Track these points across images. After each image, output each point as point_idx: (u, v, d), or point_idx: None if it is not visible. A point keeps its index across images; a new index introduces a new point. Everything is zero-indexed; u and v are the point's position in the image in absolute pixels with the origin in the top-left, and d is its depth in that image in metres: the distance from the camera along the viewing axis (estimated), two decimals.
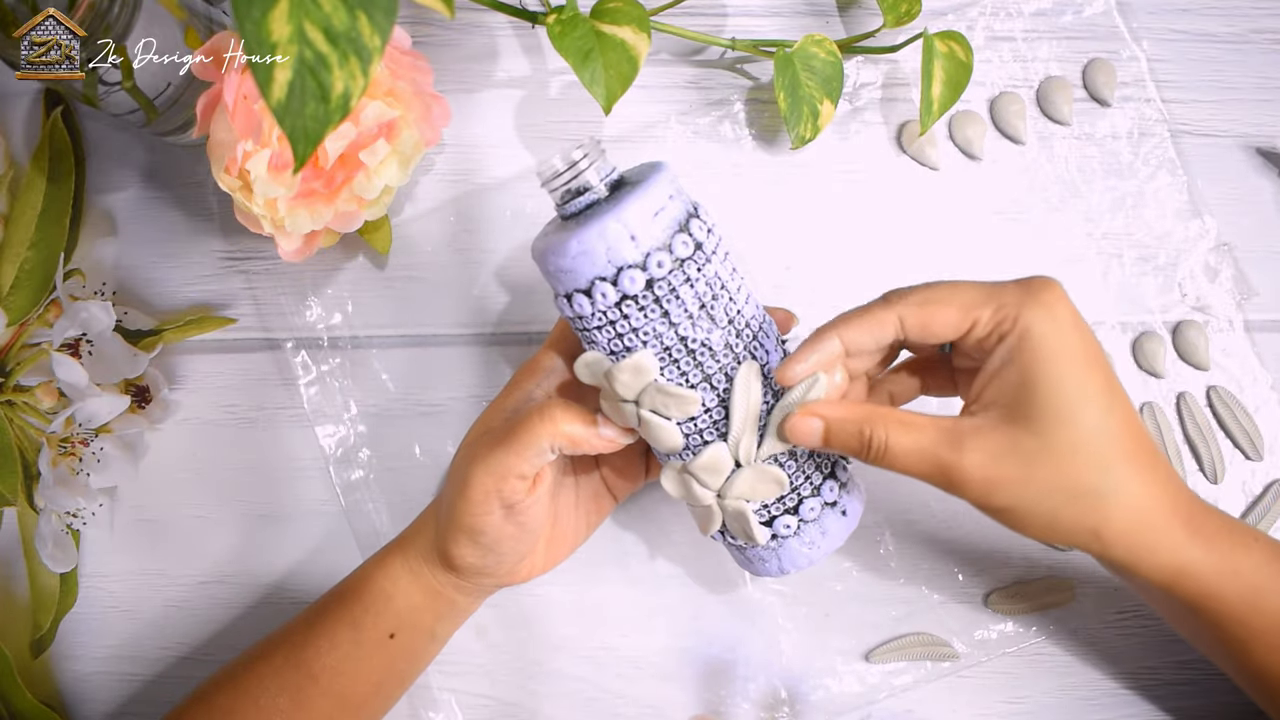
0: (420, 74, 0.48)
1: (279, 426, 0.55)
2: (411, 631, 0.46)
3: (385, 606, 0.46)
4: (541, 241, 0.41)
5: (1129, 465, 0.38)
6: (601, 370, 0.41)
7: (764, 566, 0.44)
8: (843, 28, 0.56)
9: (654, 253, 0.39)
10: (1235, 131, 0.55)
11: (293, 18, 0.31)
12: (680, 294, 0.39)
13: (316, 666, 0.45)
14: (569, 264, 0.39)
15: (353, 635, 0.46)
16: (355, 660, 0.46)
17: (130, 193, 0.55)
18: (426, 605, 0.46)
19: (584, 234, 0.39)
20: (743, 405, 0.41)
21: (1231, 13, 0.55)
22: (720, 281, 0.40)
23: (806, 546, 0.43)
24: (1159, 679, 0.53)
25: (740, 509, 0.42)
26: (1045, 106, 0.55)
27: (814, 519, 0.43)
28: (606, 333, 0.40)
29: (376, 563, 0.47)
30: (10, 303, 0.52)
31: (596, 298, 0.39)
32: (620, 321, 0.40)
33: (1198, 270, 0.54)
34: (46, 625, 0.54)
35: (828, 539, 0.43)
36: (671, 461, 0.43)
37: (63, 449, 0.51)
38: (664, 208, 0.39)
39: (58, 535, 0.52)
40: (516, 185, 0.55)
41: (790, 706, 0.53)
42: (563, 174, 0.40)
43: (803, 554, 0.43)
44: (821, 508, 0.43)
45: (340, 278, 0.55)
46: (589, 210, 0.40)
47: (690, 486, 0.42)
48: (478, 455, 0.43)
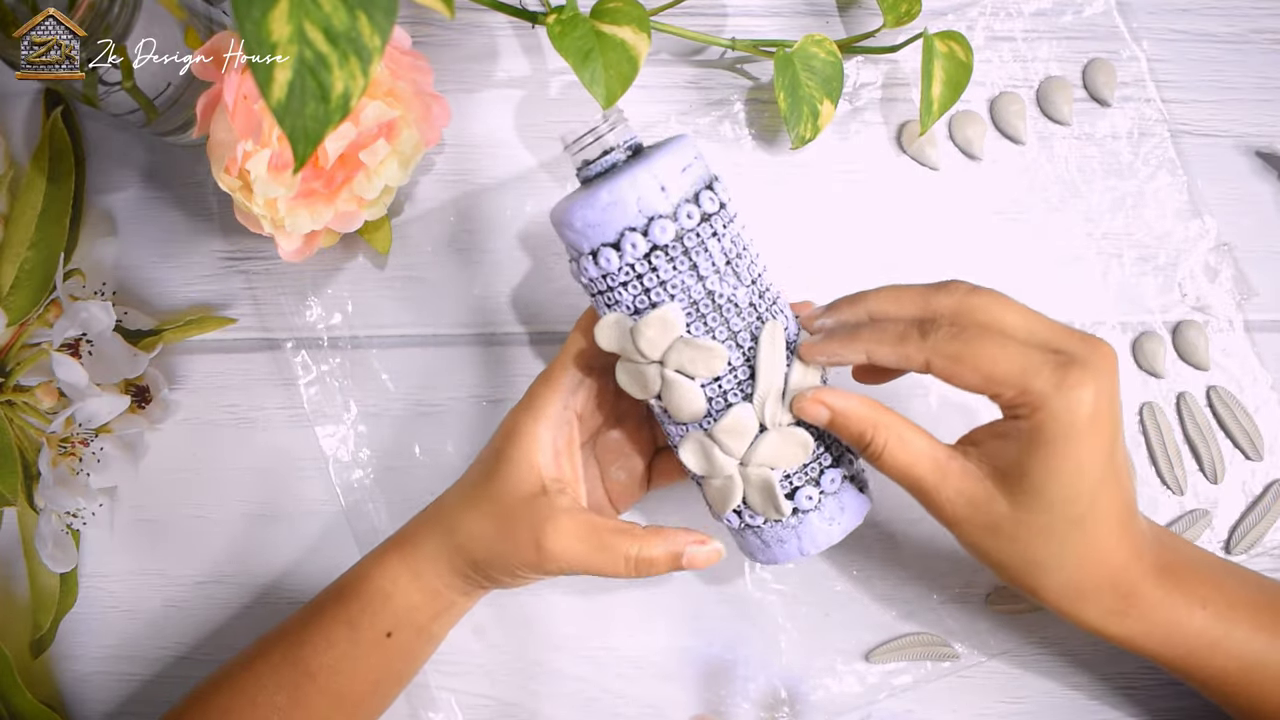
0: (420, 74, 0.48)
1: (279, 426, 0.55)
2: (409, 630, 0.46)
3: (383, 606, 0.46)
4: (565, 201, 0.41)
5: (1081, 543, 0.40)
6: (626, 328, 0.41)
7: (782, 549, 0.43)
8: (843, 28, 0.56)
9: (683, 204, 0.40)
10: (1235, 131, 0.55)
11: (293, 18, 0.31)
12: (708, 247, 0.40)
13: (314, 665, 0.45)
14: (598, 215, 0.40)
15: (350, 634, 0.46)
16: (353, 659, 0.45)
17: (130, 193, 0.55)
18: (425, 605, 0.46)
19: (615, 184, 0.40)
20: (768, 363, 0.41)
21: (1231, 13, 0.55)
22: (743, 242, 0.42)
23: (826, 523, 0.43)
24: (1159, 679, 0.53)
25: (765, 476, 0.41)
26: (1045, 106, 0.55)
27: (834, 491, 0.43)
28: (633, 288, 0.40)
29: (374, 562, 0.47)
30: (10, 303, 0.52)
31: (625, 249, 0.40)
32: (648, 275, 0.40)
33: (1198, 270, 0.54)
34: (46, 625, 0.54)
35: (846, 515, 0.43)
36: (691, 431, 0.42)
37: (63, 449, 0.51)
38: (690, 165, 0.41)
39: (58, 535, 0.52)
40: (516, 185, 0.55)
41: (790, 706, 0.53)
42: (588, 135, 0.41)
43: (823, 531, 0.43)
44: (841, 480, 0.43)
45: (340, 278, 0.55)
46: (612, 170, 0.41)
47: (712, 455, 0.42)
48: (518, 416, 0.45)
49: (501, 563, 0.44)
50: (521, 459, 0.44)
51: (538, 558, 0.43)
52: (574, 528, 0.43)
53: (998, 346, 0.38)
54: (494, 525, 0.44)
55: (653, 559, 0.43)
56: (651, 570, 0.43)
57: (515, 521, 0.43)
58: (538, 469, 0.44)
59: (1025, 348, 0.38)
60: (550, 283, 0.54)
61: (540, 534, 0.43)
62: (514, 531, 0.43)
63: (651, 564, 0.43)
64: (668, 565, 0.43)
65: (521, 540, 0.43)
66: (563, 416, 0.45)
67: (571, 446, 0.45)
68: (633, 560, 0.42)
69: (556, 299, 0.54)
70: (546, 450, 0.44)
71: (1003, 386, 0.38)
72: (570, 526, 0.43)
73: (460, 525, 0.45)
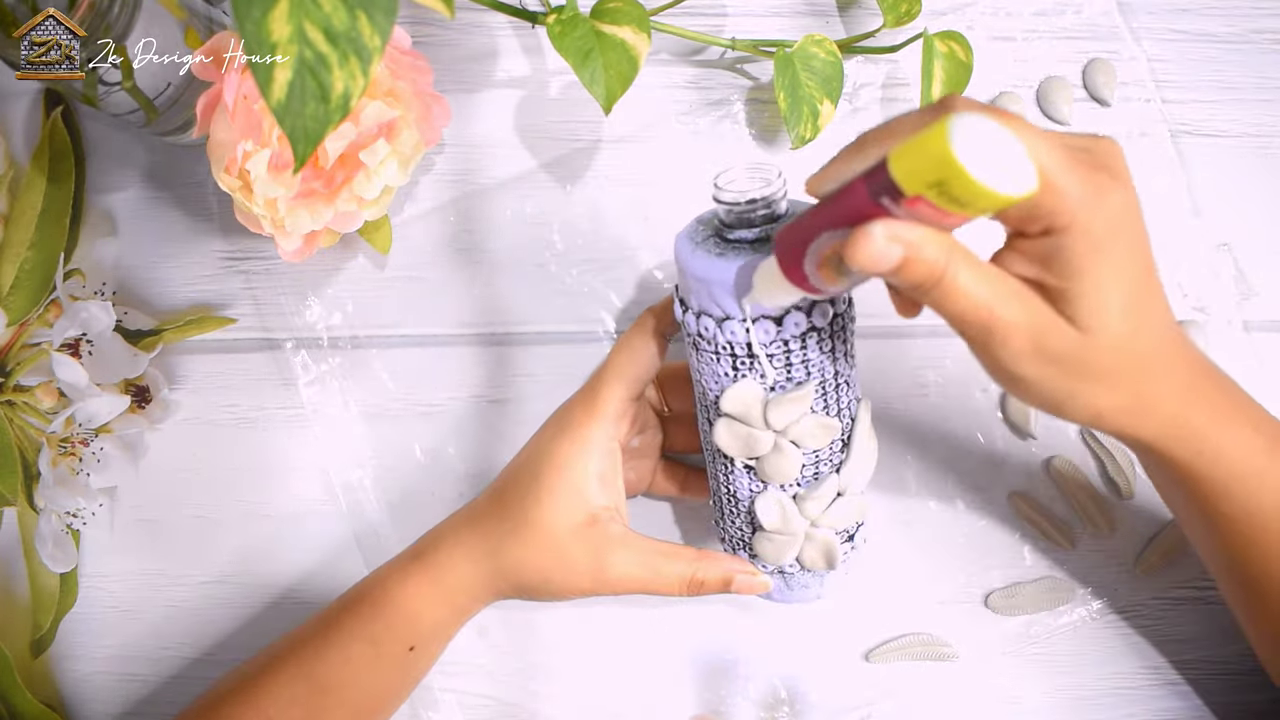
0: (420, 74, 0.48)
1: (279, 426, 0.55)
2: (431, 643, 0.46)
3: (407, 623, 0.45)
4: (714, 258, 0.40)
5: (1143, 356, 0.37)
6: (759, 398, 0.41)
7: (804, 593, 0.46)
8: (843, 28, 0.56)
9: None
10: (1235, 131, 0.55)
11: (293, 18, 0.31)
12: (847, 330, 0.42)
13: (330, 680, 0.45)
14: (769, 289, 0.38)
15: (371, 650, 0.45)
16: (373, 673, 0.45)
17: (130, 193, 0.55)
18: (451, 618, 0.46)
19: None
20: (862, 440, 0.43)
21: (1231, 13, 0.55)
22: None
23: (844, 573, 0.46)
24: (1159, 679, 0.53)
25: (831, 539, 0.44)
26: (1045, 106, 0.55)
27: (859, 545, 0.45)
28: (777, 362, 0.41)
29: (396, 579, 0.46)
30: (10, 303, 0.52)
31: (788, 325, 0.40)
32: (796, 352, 0.41)
33: (1198, 270, 0.54)
34: (46, 625, 0.54)
35: (857, 565, 0.46)
36: (770, 490, 0.43)
37: (63, 449, 0.51)
38: None
39: (58, 535, 0.52)
40: (516, 185, 0.55)
41: (790, 706, 0.53)
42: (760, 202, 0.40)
43: (840, 581, 0.46)
44: (863, 536, 0.46)
45: (340, 278, 0.55)
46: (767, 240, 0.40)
47: (790, 514, 0.43)
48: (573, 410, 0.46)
49: (555, 589, 0.45)
50: (569, 490, 0.44)
51: (595, 585, 0.44)
52: (630, 555, 0.44)
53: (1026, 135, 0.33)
54: (546, 556, 0.44)
55: (705, 581, 0.45)
56: (702, 591, 0.45)
57: (569, 552, 0.44)
58: (587, 500, 0.44)
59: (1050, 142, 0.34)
60: (550, 283, 0.54)
61: (597, 564, 0.44)
62: (569, 562, 0.44)
63: (704, 586, 0.45)
64: (718, 588, 0.45)
65: (578, 570, 0.44)
66: (608, 446, 0.45)
67: (615, 472, 0.46)
68: (686, 582, 0.44)
69: (557, 299, 0.54)
70: (593, 481, 0.44)
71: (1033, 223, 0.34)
72: (627, 555, 0.44)
73: (505, 552, 0.45)
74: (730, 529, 0.46)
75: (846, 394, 0.42)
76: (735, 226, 0.40)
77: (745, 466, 0.43)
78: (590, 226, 0.54)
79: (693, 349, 0.43)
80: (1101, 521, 0.53)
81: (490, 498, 0.47)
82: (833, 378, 0.42)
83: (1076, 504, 0.53)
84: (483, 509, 0.47)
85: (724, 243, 0.41)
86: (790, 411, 0.41)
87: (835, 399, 0.42)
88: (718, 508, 0.46)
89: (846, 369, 0.42)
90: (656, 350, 0.46)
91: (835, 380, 0.42)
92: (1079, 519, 0.53)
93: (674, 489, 0.51)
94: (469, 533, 0.46)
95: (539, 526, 0.44)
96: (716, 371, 0.42)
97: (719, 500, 0.46)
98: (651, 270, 0.54)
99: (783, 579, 0.45)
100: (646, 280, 0.54)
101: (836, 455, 0.43)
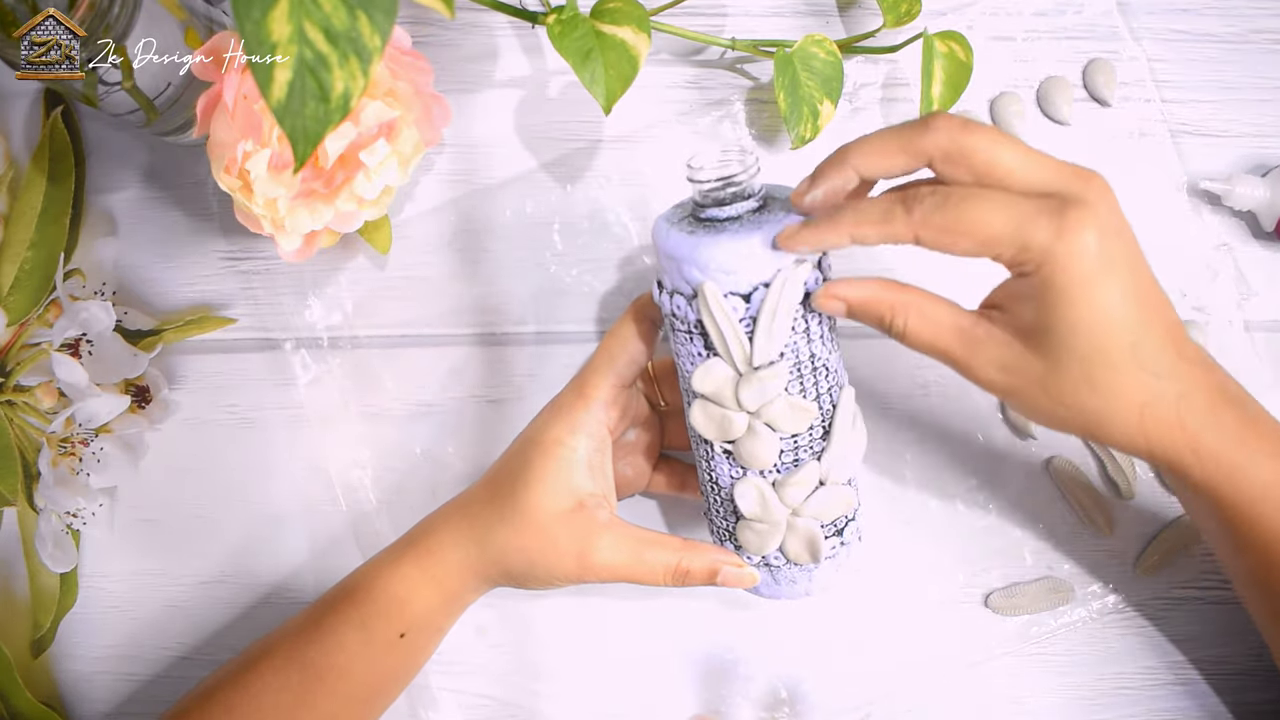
0: (420, 74, 0.48)
1: (279, 426, 0.55)
2: (423, 631, 0.46)
3: (399, 610, 0.46)
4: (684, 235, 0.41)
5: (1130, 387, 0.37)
6: (730, 377, 0.41)
7: (791, 589, 0.45)
8: (843, 28, 0.56)
9: (813, 270, 0.40)
10: (1235, 131, 0.55)
11: (293, 18, 0.31)
12: (822, 314, 0.41)
13: (322, 666, 0.45)
14: (734, 264, 0.39)
15: (363, 637, 0.45)
16: (365, 660, 0.46)
17: (130, 193, 0.55)
18: (442, 606, 0.46)
19: (754, 236, 0.39)
20: (843, 428, 0.42)
21: (1231, 13, 0.55)
22: None
23: (835, 570, 0.45)
24: (1159, 679, 0.53)
25: (813, 528, 0.43)
26: (1045, 106, 0.55)
27: (850, 542, 0.44)
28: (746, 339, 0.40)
29: (388, 566, 0.47)
30: (10, 303, 0.52)
31: (755, 302, 0.40)
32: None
33: (1198, 270, 0.54)
34: (46, 625, 0.54)
35: (850, 562, 0.45)
36: (750, 475, 0.43)
37: (63, 449, 0.51)
38: None
39: (58, 535, 0.52)
40: (516, 185, 0.55)
41: (790, 706, 0.53)
42: (728, 182, 0.41)
43: (831, 577, 0.45)
44: (854, 532, 0.45)
45: (340, 278, 0.55)
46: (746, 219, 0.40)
47: (769, 502, 0.43)
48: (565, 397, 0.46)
49: (540, 574, 0.45)
50: (557, 476, 0.44)
51: (580, 571, 0.44)
52: (616, 542, 0.44)
53: (986, 205, 0.36)
54: (532, 540, 0.44)
55: (690, 571, 0.44)
56: (688, 581, 0.44)
57: (555, 537, 0.44)
58: (574, 485, 0.44)
59: (1015, 200, 0.36)
60: (550, 283, 0.54)
61: (583, 549, 0.44)
62: (555, 547, 0.44)
63: (689, 576, 0.44)
64: (704, 579, 0.44)
65: (564, 555, 0.44)
66: (597, 432, 0.45)
67: (604, 459, 0.46)
68: (671, 571, 0.44)
69: (556, 299, 0.54)
70: (581, 467, 0.44)
71: (1000, 246, 0.36)
72: (612, 541, 0.44)
73: (493, 538, 0.45)
74: (715, 518, 0.46)
75: (825, 379, 0.42)
76: (708, 205, 0.41)
77: (724, 451, 0.43)
78: (590, 226, 0.54)
79: (671, 332, 0.43)
80: (1101, 521, 0.53)
81: (482, 485, 0.47)
82: (808, 359, 0.41)
83: (1076, 504, 0.53)
84: (474, 496, 0.47)
85: (696, 221, 0.41)
86: (762, 391, 0.40)
87: (813, 382, 0.41)
88: (705, 498, 0.46)
89: (825, 353, 0.41)
90: (645, 337, 0.46)
91: (812, 364, 0.41)
92: (1079, 519, 0.53)
93: (672, 487, 0.51)
94: (460, 519, 0.46)
95: (526, 511, 0.44)
96: (691, 351, 0.42)
97: (705, 489, 0.46)
98: (652, 270, 0.54)
99: (770, 572, 0.45)
100: (647, 281, 0.54)
101: (817, 443, 0.42)
